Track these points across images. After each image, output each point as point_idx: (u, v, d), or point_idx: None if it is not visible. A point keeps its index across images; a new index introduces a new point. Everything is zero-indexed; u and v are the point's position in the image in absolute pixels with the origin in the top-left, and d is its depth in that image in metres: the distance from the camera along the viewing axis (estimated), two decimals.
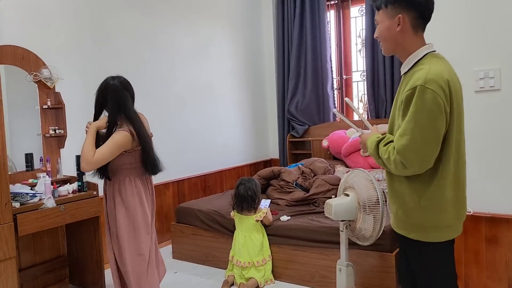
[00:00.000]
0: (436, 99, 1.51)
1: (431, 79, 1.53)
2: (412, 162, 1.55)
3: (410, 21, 1.63)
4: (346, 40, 5.27)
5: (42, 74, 3.18)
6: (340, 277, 2.61)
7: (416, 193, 1.63)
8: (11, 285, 2.50)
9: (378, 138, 1.70)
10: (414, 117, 1.53)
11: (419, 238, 1.67)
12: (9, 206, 2.50)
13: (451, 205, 1.63)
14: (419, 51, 1.66)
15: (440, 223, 1.63)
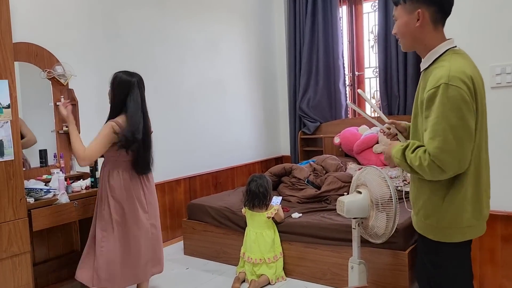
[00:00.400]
0: (463, 95, 1.47)
1: (454, 76, 1.49)
2: (449, 164, 1.49)
3: (430, 16, 1.59)
4: (359, 36, 5.22)
5: (56, 71, 3.21)
6: (352, 274, 2.59)
7: (439, 194, 1.60)
8: (25, 279, 2.54)
9: (402, 146, 1.63)
10: (443, 117, 1.48)
11: (439, 239, 1.63)
12: (23, 202, 2.54)
13: (472, 205, 1.59)
14: (440, 47, 1.61)
15: (460, 223, 1.60)
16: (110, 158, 2.63)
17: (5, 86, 2.45)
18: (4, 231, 2.44)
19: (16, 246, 2.49)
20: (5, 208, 2.45)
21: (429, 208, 1.63)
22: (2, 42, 2.44)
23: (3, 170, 2.44)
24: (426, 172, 1.54)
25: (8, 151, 2.46)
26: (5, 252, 2.44)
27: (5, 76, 2.46)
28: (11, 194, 2.47)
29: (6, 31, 2.46)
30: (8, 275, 2.46)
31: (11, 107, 2.48)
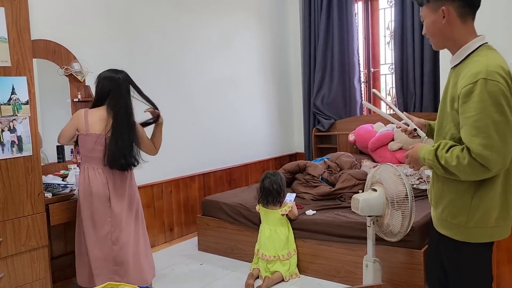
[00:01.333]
0: (503, 90, 1.44)
1: (493, 71, 1.45)
2: (494, 161, 1.44)
3: (456, 11, 1.55)
4: (374, 32, 5.17)
5: (73, 68, 3.25)
6: (367, 273, 2.58)
7: (468, 193, 1.56)
8: (43, 273, 2.59)
9: (433, 147, 1.58)
10: (485, 113, 1.43)
11: (465, 239, 1.59)
12: (41, 197, 2.58)
13: (500, 203, 1.55)
14: (472, 43, 1.56)
15: (488, 223, 1.56)
16: (82, 153, 2.73)
17: (23, 82, 2.50)
18: (23, 226, 2.49)
19: (34, 240, 2.54)
20: (24, 202, 2.50)
21: (457, 208, 1.59)
22: (21, 39, 2.48)
23: (22, 165, 2.49)
24: (465, 171, 1.48)
25: (27, 147, 2.51)
26: (23, 246, 2.49)
27: (24, 72, 2.50)
28: (29, 189, 2.52)
29: (25, 29, 2.50)
30: (27, 269, 2.51)
31: (30, 103, 2.53)
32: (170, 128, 4.04)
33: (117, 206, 2.64)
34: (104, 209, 2.61)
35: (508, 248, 2.46)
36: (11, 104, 2.44)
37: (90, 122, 2.59)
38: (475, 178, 1.51)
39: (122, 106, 2.59)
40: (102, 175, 2.61)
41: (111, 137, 2.55)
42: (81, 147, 2.66)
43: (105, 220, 2.62)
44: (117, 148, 2.55)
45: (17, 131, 2.47)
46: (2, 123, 2.41)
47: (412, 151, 1.70)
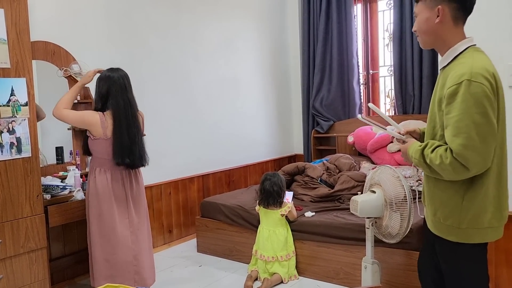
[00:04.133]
0: (486, 92, 1.45)
1: (477, 72, 1.47)
2: (473, 162, 1.47)
3: (451, 12, 1.58)
4: (373, 34, 5.18)
5: (72, 69, 3.25)
6: (366, 274, 2.58)
7: (459, 194, 1.57)
8: (42, 275, 2.59)
9: (420, 146, 1.62)
10: (467, 114, 1.45)
11: (459, 240, 1.60)
12: (40, 198, 2.58)
13: (493, 205, 1.56)
14: (460, 45, 1.60)
15: (481, 224, 1.57)
16: (93, 153, 2.65)
17: (23, 84, 2.50)
18: (22, 227, 2.49)
19: (33, 242, 2.54)
20: (23, 204, 2.49)
21: (448, 209, 1.60)
22: (20, 40, 2.48)
23: (21, 167, 2.49)
24: (448, 170, 1.51)
25: (26, 148, 2.51)
26: (22, 248, 2.49)
27: (23, 74, 2.50)
28: (28, 190, 2.52)
29: (24, 30, 2.50)
30: (25, 271, 2.51)
31: (29, 104, 2.53)
32: (170, 129, 4.05)
33: (134, 206, 2.66)
34: (123, 210, 2.61)
35: (506, 250, 2.46)
36: (10, 106, 2.44)
37: (108, 126, 2.56)
38: (457, 177, 1.53)
39: (121, 105, 2.57)
40: (118, 176, 2.61)
41: (114, 137, 2.54)
42: (98, 151, 2.59)
43: (125, 222, 2.62)
44: (122, 148, 2.54)
45: (16, 132, 2.47)
46: (1, 125, 2.41)
47: (404, 147, 1.75)
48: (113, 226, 2.57)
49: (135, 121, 2.62)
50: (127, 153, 2.55)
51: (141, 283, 2.66)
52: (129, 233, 2.62)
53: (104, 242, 2.59)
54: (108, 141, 2.55)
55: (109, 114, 2.57)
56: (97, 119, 2.54)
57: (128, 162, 2.57)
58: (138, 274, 2.66)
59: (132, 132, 2.58)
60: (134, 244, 2.64)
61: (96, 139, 2.55)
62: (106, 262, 2.59)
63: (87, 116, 2.57)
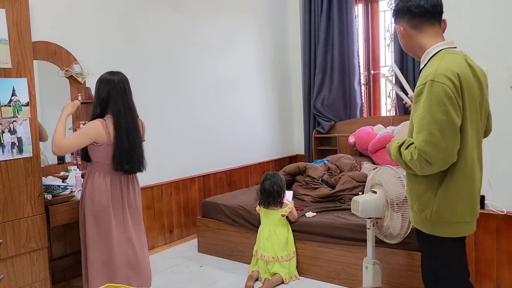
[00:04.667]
0: (447, 91, 1.54)
1: (440, 73, 1.56)
2: (434, 157, 1.55)
3: (409, 24, 1.74)
4: (374, 34, 5.18)
5: (73, 70, 3.25)
6: (367, 275, 2.58)
7: (432, 188, 1.66)
8: (43, 275, 2.59)
9: (398, 144, 1.71)
10: (429, 112, 1.56)
11: (431, 232, 1.69)
12: (41, 198, 2.58)
13: (465, 200, 1.65)
14: (433, 48, 1.70)
15: (453, 218, 1.65)
16: (93, 159, 2.55)
17: (24, 84, 2.50)
18: (23, 227, 2.49)
19: (34, 242, 2.54)
20: (24, 204, 2.50)
21: (423, 202, 1.69)
22: (21, 41, 2.48)
23: (22, 167, 2.49)
24: (416, 166, 1.61)
25: (27, 148, 2.51)
26: (23, 248, 2.49)
27: (24, 74, 2.50)
28: (29, 190, 2.52)
29: (25, 30, 2.50)
30: (26, 270, 2.51)
31: (30, 105, 2.53)
32: (171, 130, 4.05)
33: (129, 211, 2.62)
34: (119, 215, 2.57)
35: (508, 250, 2.46)
36: (11, 106, 2.45)
37: (110, 132, 2.50)
38: (424, 172, 1.63)
39: (121, 109, 2.51)
40: (116, 181, 2.56)
41: (115, 142, 2.49)
42: (99, 157, 2.52)
43: (120, 226, 2.58)
44: (121, 154, 2.49)
45: (17, 132, 2.47)
46: (2, 125, 2.41)
47: (388, 145, 1.84)
48: (109, 229, 2.52)
49: (135, 126, 2.56)
50: (126, 159, 2.50)
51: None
52: (124, 237, 2.58)
53: (102, 244, 2.54)
54: (110, 147, 2.49)
55: (110, 118, 2.50)
56: (100, 128, 2.46)
57: (126, 169, 2.51)
58: (132, 278, 2.63)
59: (131, 137, 2.52)
60: (128, 248, 2.61)
61: (100, 145, 2.48)
62: (103, 265, 2.55)
63: (90, 130, 2.46)
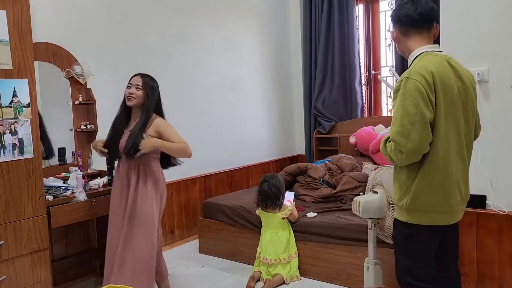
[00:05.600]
0: (418, 87, 1.69)
1: (415, 71, 1.73)
2: (405, 147, 1.70)
3: (400, 31, 1.90)
4: (375, 34, 5.17)
5: (74, 71, 3.25)
6: (368, 275, 2.58)
7: (410, 178, 1.80)
8: (44, 276, 2.59)
9: (384, 138, 1.87)
10: (401, 105, 1.72)
11: (407, 220, 1.84)
12: (42, 199, 2.58)
13: (438, 191, 1.77)
14: (416, 51, 1.85)
15: (426, 206, 1.79)
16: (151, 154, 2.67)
17: (25, 85, 2.50)
18: (24, 228, 2.49)
19: (35, 243, 2.54)
20: (25, 205, 2.50)
21: (402, 191, 1.83)
22: (22, 42, 2.48)
23: (23, 168, 2.49)
24: (395, 157, 1.77)
25: (28, 149, 2.51)
26: (24, 249, 2.49)
27: (25, 75, 2.50)
28: (30, 191, 2.52)
29: (26, 31, 2.50)
30: (28, 271, 2.51)
31: (31, 106, 2.53)
32: None
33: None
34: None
35: (509, 250, 2.46)
36: (12, 107, 2.45)
37: None
38: (399, 162, 1.80)
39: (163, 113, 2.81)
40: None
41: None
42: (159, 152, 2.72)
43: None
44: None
45: (19, 133, 2.47)
46: (3, 126, 2.42)
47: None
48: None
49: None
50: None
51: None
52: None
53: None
54: None
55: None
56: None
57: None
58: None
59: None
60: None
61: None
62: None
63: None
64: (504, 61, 2.38)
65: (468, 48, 2.48)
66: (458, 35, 2.50)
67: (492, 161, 2.45)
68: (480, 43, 2.45)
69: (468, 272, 2.58)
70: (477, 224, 2.53)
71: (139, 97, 2.65)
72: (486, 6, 2.43)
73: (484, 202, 2.51)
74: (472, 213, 2.51)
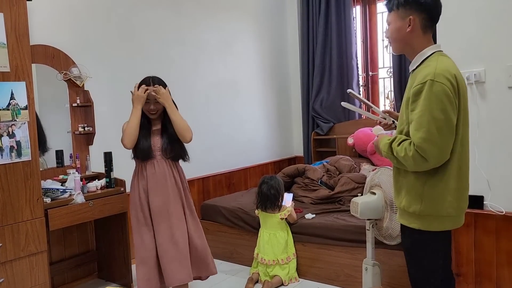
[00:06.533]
0: (445, 90, 1.60)
1: (440, 73, 1.62)
2: (432, 154, 1.61)
3: (420, 22, 1.73)
4: (372, 36, 5.19)
5: (72, 73, 3.25)
6: (366, 276, 2.58)
7: (420, 182, 1.72)
8: (42, 278, 2.58)
9: (389, 140, 1.77)
10: (428, 110, 1.61)
11: (419, 227, 1.75)
12: (40, 202, 2.58)
13: (453, 195, 1.70)
14: (427, 50, 1.75)
15: (440, 211, 1.71)
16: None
17: (22, 87, 2.50)
18: (22, 231, 2.49)
19: (33, 246, 2.54)
20: (23, 208, 2.49)
21: (411, 196, 1.75)
22: (20, 44, 2.48)
23: (21, 171, 2.49)
24: (410, 162, 1.66)
25: (26, 152, 2.51)
26: (22, 251, 2.48)
27: (23, 78, 2.50)
28: (28, 194, 2.51)
29: (24, 34, 2.50)
30: (26, 274, 2.51)
31: (28, 108, 2.53)
32: None
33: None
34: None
35: (507, 251, 2.46)
36: (10, 109, 2.44)
37: None
38: (418, 169, 1.69)
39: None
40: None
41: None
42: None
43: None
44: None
45: (16, 136, 2.47)
46: (1, 128, 2.41)
47: (376, 140, 1.91)
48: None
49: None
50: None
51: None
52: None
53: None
54: None
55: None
56: None
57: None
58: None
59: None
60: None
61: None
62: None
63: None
64: (500, 62, 2.39)
65: (464, 49, 2.48)
66: (455, 36, 2.51)
67: (489, 161, 2.46)
68: (476, 44, 2.46)
69: (466, 273, 2.58)
70: (475, 224, 2.54)
71: (160, 108, 2.74)
72: (483, 7, 2.44)
73: (482, 202, 2.52)
74: (469, 213, 2.51)
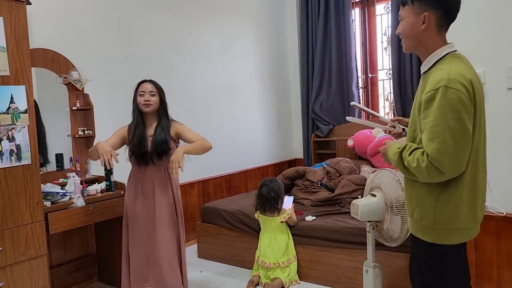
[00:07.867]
0: (461, 98, 1.47)
1: (454, 79, 1.48)
2: (447, 166, 1.48)
3: (436, 20, 1.59)
4: (372, 38, 5.20)
5: (72, 76, 3.26)
6: (367, 278, 2.57)
7: (433, 195, 1.59)
8: (42, 282, 2.58)
9: (399, 149, 1.63)
10: (442, 119, 1.47)
11: (434, 240, 1.62)
12: (40, 205, 2.58)
13: (467, 207, 1.58)
14: (440, 50, 1.61)
15: (455, 225, 1.59)
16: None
17: (22, 91, 2.50)
18: (22, 234, 2.48)
19: (33, 249, 2.53)
20: (23, 211, 2.49)
21: (424, 209, 1.63)
22: (19, 48, 2.48)
23: (21, 174, 2.48)
24: (423, 173, 1.53)
25: (26, 156, 2.50)
26: (22, 255, 2.48)
27: (23, 81, 2.50)
28: (28, 197, 2.51)
29: (23, 38, 2.50)
30: (26, 278, 2.50)
31: (28, 112, 2.53)
32: None
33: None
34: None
35: (508, 252, 2.46)
36: (9, 113, 2.44)
37: None
38: (432, 180, 1.55)
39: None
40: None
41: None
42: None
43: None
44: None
45: (16, 140, 2.47)
46: (1, 132, 2.41)
47: (383, 148, 1.77)
48: None
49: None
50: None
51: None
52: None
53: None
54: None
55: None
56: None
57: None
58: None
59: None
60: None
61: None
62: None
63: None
64: (500, 64, 2.40)
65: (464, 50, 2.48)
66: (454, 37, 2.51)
67: (490, 162, 2.45)
68: (476, 46, 2.46)
69: None
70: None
71: (156, 102, 2.70)
72: (482, 9, 2.44)
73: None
74: None
